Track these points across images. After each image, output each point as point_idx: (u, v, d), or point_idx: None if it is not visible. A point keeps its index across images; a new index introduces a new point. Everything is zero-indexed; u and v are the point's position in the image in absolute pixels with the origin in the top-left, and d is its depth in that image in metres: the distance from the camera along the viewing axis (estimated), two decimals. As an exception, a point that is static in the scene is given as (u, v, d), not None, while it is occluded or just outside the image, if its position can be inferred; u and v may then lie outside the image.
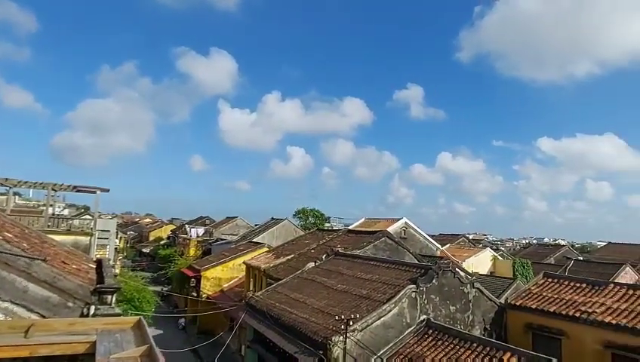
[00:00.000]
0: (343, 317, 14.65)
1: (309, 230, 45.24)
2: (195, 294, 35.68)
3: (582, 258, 48.38)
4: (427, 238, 39.78)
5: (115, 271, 24.57)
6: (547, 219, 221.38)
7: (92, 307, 8.36)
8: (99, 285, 8.99)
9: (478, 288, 18.34)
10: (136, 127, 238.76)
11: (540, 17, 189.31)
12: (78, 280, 9.28)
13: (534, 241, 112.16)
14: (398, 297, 16.20)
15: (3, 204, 32.10)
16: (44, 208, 30.62)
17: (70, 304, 8.28)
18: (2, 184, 26.12)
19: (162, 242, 76.94)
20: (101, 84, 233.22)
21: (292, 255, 29.35)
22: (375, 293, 17.59)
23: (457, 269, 19.21)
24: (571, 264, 39.33)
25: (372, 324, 15.33)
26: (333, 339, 14.39)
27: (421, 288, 16.80)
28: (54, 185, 27.43)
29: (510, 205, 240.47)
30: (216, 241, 52.72)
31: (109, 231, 31.02)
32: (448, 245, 46.28)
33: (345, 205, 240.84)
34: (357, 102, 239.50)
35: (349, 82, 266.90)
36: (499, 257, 43.96)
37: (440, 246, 40.75)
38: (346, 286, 19.68)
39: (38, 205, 49.98)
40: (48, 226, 24.96)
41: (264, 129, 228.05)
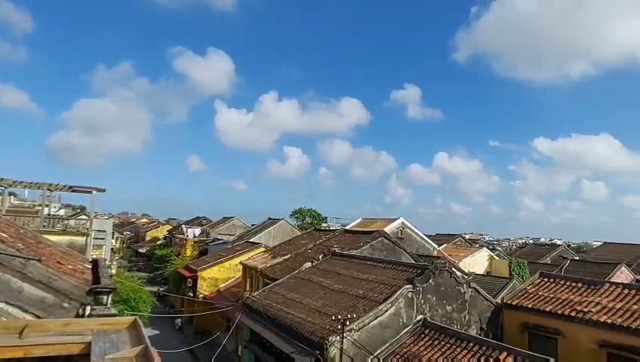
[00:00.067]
0: (340, 317, 14.65)
1: (306, 230, 45.25)
2: (192, 294, 35.59)
3: (578, 258, 48.57)
4: (424, 238, 39.85)
5: (111, 272, 24.50)
6: (543, 219, 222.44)
7: (88, 307, 8.32)
8: (94, 285, 8.95)
9: (475, 288, 18.38)
10: (132, 127, 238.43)
11: (536, 18, 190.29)
12: (74, 280, 9.24)
13: (530, 241, 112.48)
14: (395, 297, 16.21)
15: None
16: (39, 208, 30.49)
17: (66, 304, 8.24)
18: (-3, 184, 25.95)
19: (159, 242, 76.75)
20: (97, 84, 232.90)
21: (289, 255, 29.33)
22: (372, 293, 17.60)
23: (454, 269, 19.27)
24: (567, 264, 39.50)
25: (369, 324, 15.34)
26: (329, 339, 14.40)
27: (418, 288, 16.82)
28: (50, 185, 27.27)
29: (506, 205, 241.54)
30: (212, 241, 52.60)
31: (105, 231, 30.84)
32: (445, 245, 46.38)
33: (342, 205, 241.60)
34: (354, 102, 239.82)
35: (346, 82, 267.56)
36: (495, 257, 44.08)
37: (437, 246, 40.84)
38: (343, 286, 19.68)
39: (34, 205, 49.79)
40: (44, 226, 24.81)
41: (261, 129, 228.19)
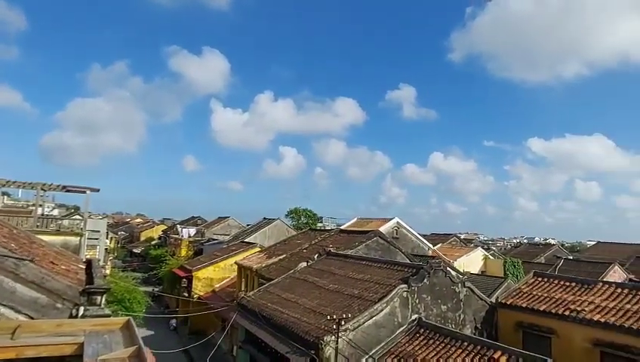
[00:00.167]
0: (335, 316, 14.65)
1: (302, 230, 45.20)
2: (187, 294, 35.48)
3: (571, 257, 48.92)
4: (419, 238, 39.95)
5: (105, 272, 24.39)
6: (537, 219, 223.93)
7: (81, 308, 8.28)
8: (88, 286, 8.91)
9: (469, 287, 18.44)
10: (127, 127, 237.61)
11: (531, 19, 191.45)
12: (67, 280, 9.19)
13: (525, 241, 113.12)
14: (390, 296, 16.23)
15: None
16: (33, 208, 30.28)
17: (59, 305, 8.19)
18: (-10, 184, 25.76)
19: (153, 242, 76.40)
20: (92, 83, 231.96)
21: (284, 255, 29.30)
22: (367, 293, 17.61)
23: (449, 269, 19.32)
24: (561, 263, 39.73)
25: (364, 324, 15.34)
26: (324, 339, 14.39)
27: (413, 287, 16.85)
28: (43, 184, 27.10)
29: (501, 205, 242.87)
30: (208, 241, 52.46)
31: (100, 231, 30.71)
32: (440, 245, 46.51)
33: (337, 205, 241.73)
34: (349, 102, 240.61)
35: (342, 82, 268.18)
36: (490, 256, 44.30)
37: (432, 245, 40.95)
38: (338, 285, 19.68)
39: (27, 205, 49.41)
40: (37, 226, 24.65)
41: (256, 129, 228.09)
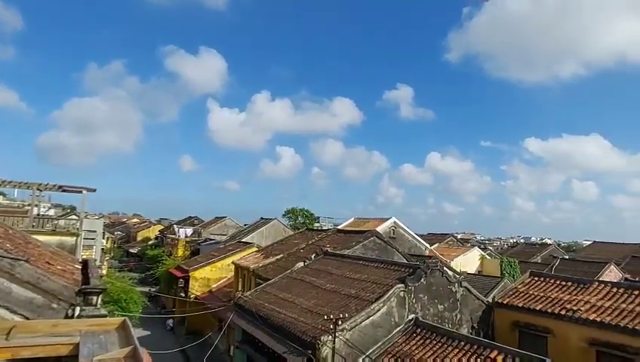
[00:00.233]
0: (332, 316, 14.66)
1: (299, 230, 45.20)
2: (184, 294, 35.42)
3: (568, 257, 49.13)
4: (416, 238, 40.01)
5: (102, 272, 24.28)
6: (534, 219, 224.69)
7: (77, 308, 8.25)
8: (84, 286, 8.87)
9: (466, 287, 18.48)
10: (124, 127, 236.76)
11: (528, 19, 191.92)
12: (63, 281, 9.16)
13: (522, 240, 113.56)
14: (387, 296, 16.26)
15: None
16: (29, 208, 30.14)
17: (55, 305, 8.16)
18: (-14, 184, 25.64)
19: (150, 242, 76.20)
20: (88, 83, 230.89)
21: (281, 255, 29.29)
22: (364, 293, 17.63)
23: (445, 268, 19.37)
24: (557, 263, 39.90)
25: (361, 323, 15.37)
26: (321, 339, 14.40)
27: (409, 287, 16.87)
28: (39, 184, 26.97)
29: (498, 205, 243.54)
30: (204, 241, 52.34)
31: (96, 231, 30.52)
32: (437, 244, 46.60)
33: (334, 205, 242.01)
34: (347, 102, 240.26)
35: (339, 82, 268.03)
36: (487, 256, 44.38)
37: (429, 245, 41.02)
38: (335, 285, 19.69)
39: (23, 205, 49.21)
40: (33, 226, 24.52)
41: (254, 129, 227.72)
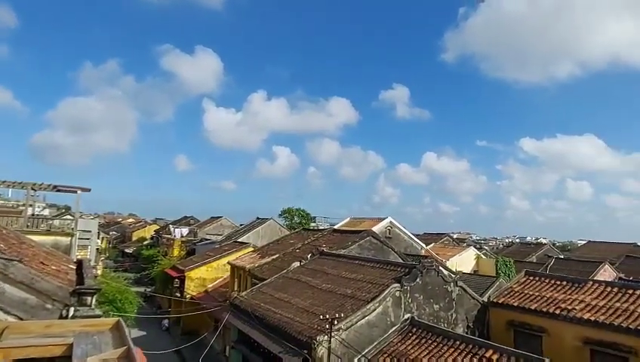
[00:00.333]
0: (328, 316, 14.66)
1: (295, 230, 45.16)
2: (179, 295, 35.31)
3: (562, 256, 49.44)
4: (412, 237, 40.08)
5: (97, 272, 24.18)
6: (529, 218, 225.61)
7: (71, 308, 8.22)
8: (78, 286, 8.84)
9: (462, 286, 18.54)
10: (119, 126, 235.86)
11: (523, 20, 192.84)
12: (57, 281, 9.12)
13: (517, 240, 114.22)
14: (383, 296, 16.27)
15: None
16: (23, 208, 29.98)
17: (49, 306, 8.12)
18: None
19: (145, 242, 75.91)
20: (83, 82, 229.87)
21: (277, 255, 29.25)
22: (360, 292, 17.63)
23: (441, 268, 19.40)
24: (552, 262, 40.10)
25: (356, 323, 15.37)
26: (317, 339, 14.38)
27: (405, 287, 16.90)
28: (34, 184, 26.85)
29: (493, 204, 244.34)
30: (200, 241, 52.23)
31: (91, 231, 30.46)
32: (433, 244, 46.70)
33: (330, 205, 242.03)
34: (343, 101, 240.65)
35: (335, 82, 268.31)
36: (482, 256, 44.52)
37: (424, 245, 41.10)
38: (331, 285, 19.69)
39: (18, 205, 48.93)
40: (27, 226, 24.42)
41: (250, 128, 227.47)
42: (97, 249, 39.13)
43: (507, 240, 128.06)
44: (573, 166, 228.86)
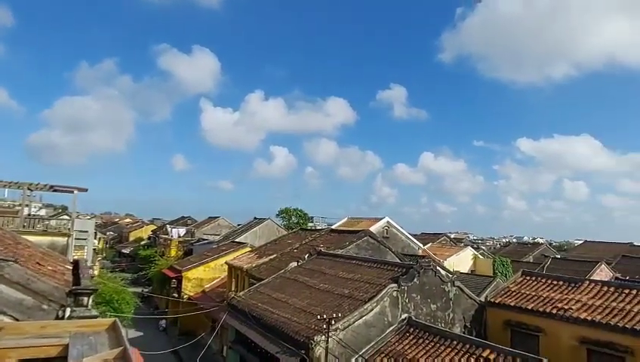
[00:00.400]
0: (325, 316, 14.65)
1: (292, 230, 45.16)
2: (176, 295, 35.25)
3: (559, 256, 49.63)
4: (409, 237, 40.13)
5: (93, 273, 24.10)
6: (526, 218, 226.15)
7: (68, 309, 8.20)
8: (75, 287, 8.82)
9: (459, 286, 18.57)
10: (116, 126, 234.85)
11: (519, 20, 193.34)
12: (54, 281, 9.09)
13: (514, 240, 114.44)
14: (380, 296, 16.28)
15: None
16: (19, 208, 29.87)
17: (45, 306, 8.10)
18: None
19: (143, 243, 75.75)
20: (79, 82, 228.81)
21: (275, 255, 29.25)
22: (357, 292, 17.64)
23: (438, 268, 19.42)
24: (549, 262, 40.25)
25: (354, 323, 15.38)
26: (315, 339, 14.39)
27: (402, 287, 16.92)
28: (30, 184, 26.75)
29: (490, 204, 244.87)
30: (198, 241, 52.15)
31: (88, 231, 30.34)
32: (430, 244, 46.76)
33: (328, 205, 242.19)
34: (340, 101, 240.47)
35: (333, 82, 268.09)
36: (479, 256, 44.62)
37: (422, 245, 41.15)
38: (329, 285, 19.69)
39: (14, 205, 48.71)
40: (24, 227, 24.32)
41: (247, 128, 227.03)
42: (94, 249, 39.01)
43: (504, 240, 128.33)
44: (569, 166, 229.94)
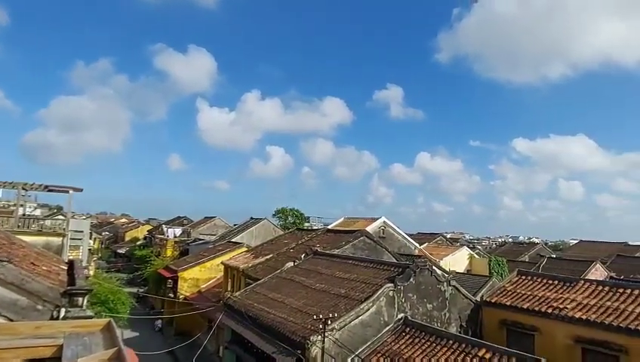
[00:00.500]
0: (322, 316, 14.66)
1: (289, 230, 45.15)
2: (172, 295, 35.17)
3: (555, 255, 49.87)
4: (405, 237, 40.22)
5: (89, 273, 24.02)
6: (522, 218, 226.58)
7: (62, 309, 8.16)
8: (69, 287, 8.78)
9: (455, 286, 18.62)
10: (111, 126, 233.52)
11: (515, 21, 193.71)
12: (48, 282, 9.04)
13: (510, 240, 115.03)
14: (376, 296, 16.30)
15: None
16: (14, 208, 29.72)
17: (39, 306, 8.05)
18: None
19: (138, 243, 75.45)
20: (75, 81, 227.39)
21: (271, 255, 29.22)
22: (353, 292, 17.66)
23: (434, 268, 19.47)
24: (544, 261, 40.44)
25: (350, 323, 15.39)
26: (311, 339, 14.39)
27: (399, 287, 16.94)
28: (25, 184, 26.60)
29: (487, 204, 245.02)
30: (194, 241, 52.05)
31: (83, 231, 30.21)
32: (426, 244, 46.85)
33: (324, 205, 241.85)
34: (337, 101, 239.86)
35: (329, 82, 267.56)
36: (475, 255, 44.74)
37: (418, 245, 41.26)
38: (325, 285, 19.70)
39: (8, 205, 48.51)
40: (18, 227, 24.19)
41: (243, 128, 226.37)
42: (89, 249, 38.83)
43: (500, 239, 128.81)
44: (565, 166, 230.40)
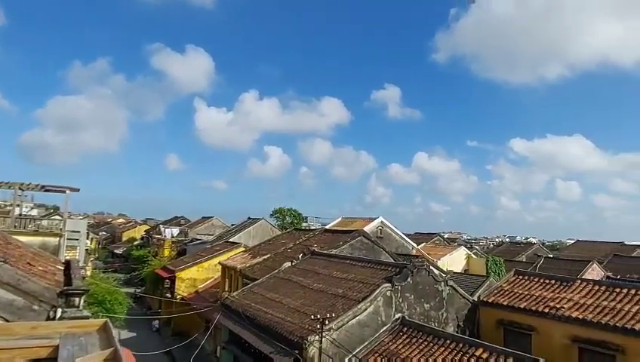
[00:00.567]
0: (319, 316, 14.66)
1: (286, 230, 45.13)
2: (170, 295, 35.13)
3: (552, 255, 50.02)
4: (403, 237, 40.25)
5: (86, 273, 23.92)
6: (519, 218, 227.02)
7: (59, 310, 8.13)
8: (66, 287, 8.75)
9: (452, 286, 18.64)
10: (109, 125, 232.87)
11: (513, 21, 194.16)
12: (45, 282, 9.01)
13: (507, 240, 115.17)
14: (374, 296, 16.31)
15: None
16: (10, 208, 29.62)
17: (36, 307, 8.03)
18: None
19: (136, 243, 75.33)
20: (72, 81, 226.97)
21: (268, 255, 29.20)
22: (351, 292, 17.66)
23: (432, 268, 19.51)
24: (541, 261, 40.52)
25: (348, 323, 15.39)
26: (308, 339, 14.38)
27: (396, 286, 16.95)
28: (21, 184, 26.54)
29: (484, 204, 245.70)
30: (191, 241, 52.00)
31: (80, 231, 30.11)
32: (424, 244, 46.90)
33: (322, 205, 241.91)
34: (335, 101, 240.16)
35: (327, 82, 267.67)
36: (473, 255, 44.79)
37: (415, 245, 41.28)
38: (322, 285, 19.70)
39: (5, 205, 48.32)
40: (15, 227, 24.13)
41: (241, 128, 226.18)
42: (86, 249, 38.76)
43: (497, 239, 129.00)
44: (562, 166, 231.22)
